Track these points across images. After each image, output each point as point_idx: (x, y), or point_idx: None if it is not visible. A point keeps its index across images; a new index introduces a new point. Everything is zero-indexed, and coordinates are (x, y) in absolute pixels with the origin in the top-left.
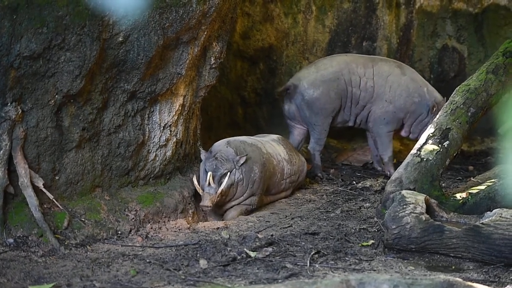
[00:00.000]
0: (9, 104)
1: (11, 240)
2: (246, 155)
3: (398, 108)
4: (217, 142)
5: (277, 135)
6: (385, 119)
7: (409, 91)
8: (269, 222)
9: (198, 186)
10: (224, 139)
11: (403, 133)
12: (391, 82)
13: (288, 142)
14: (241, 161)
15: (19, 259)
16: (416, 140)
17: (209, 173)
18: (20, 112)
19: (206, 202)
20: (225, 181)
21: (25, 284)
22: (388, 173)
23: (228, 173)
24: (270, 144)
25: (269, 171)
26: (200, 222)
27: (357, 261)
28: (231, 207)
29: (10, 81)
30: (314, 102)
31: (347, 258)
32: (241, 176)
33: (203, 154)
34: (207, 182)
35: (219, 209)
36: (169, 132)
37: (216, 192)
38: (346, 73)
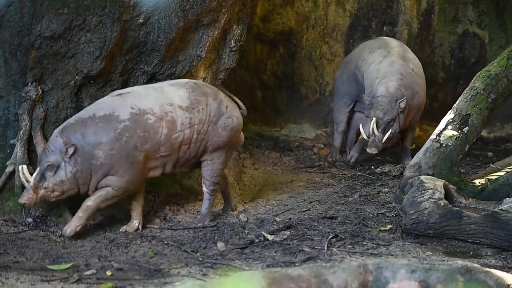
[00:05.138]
0: (29, 84)
1: (30, 220)
2: (73, 145)
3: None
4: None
5: (195, 80)
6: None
7: (370, 80)
8: (287, 205)
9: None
10: (68, 120)
11: None
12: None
13: (208, 87)
14: (70, 153)
15: (38, 239)
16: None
17: (22, 166)
18: (40, 92)
19: (22, 199)
20: (35, 177)
21: (44, 263)
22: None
23: (51, 168)
24: (159, 92)
25: (138, 136)
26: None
27: (374, 245)
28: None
29: (30, 61)
30: (334, 82)
31: (364, 243)
32: (75, 168)
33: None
34: (29, 177)
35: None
36: None
37: (32, 189)
38: (357, 57)
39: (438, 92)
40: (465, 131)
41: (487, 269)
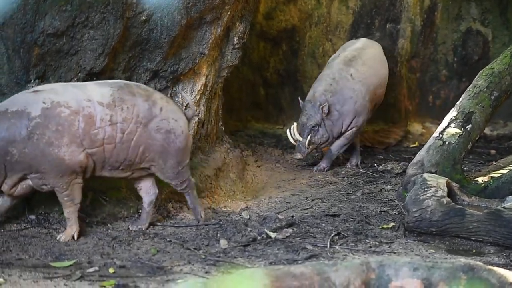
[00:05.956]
0: (32, 81)
1: (32, 217)
2: None
3: None
4: None
5: (126, 81)
6: None
7: None
8: (289, 203)
9: None
10: None
11: None
12: None
13: (141, 88)
14: None
15: (41, 236)
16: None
17: None
18: None
19: None
20: None
21: (47, 260)
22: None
23: None
24: (79, 88)
25: (51, 132)
26: (221, 202)
27: (377, 243)
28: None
29: (33, 58)
30: None
31: (367, 240)
32: None
33: None
34: None
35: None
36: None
37: None
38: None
39: (441, 89)
40: (468, 129)
41: (490, 267)
